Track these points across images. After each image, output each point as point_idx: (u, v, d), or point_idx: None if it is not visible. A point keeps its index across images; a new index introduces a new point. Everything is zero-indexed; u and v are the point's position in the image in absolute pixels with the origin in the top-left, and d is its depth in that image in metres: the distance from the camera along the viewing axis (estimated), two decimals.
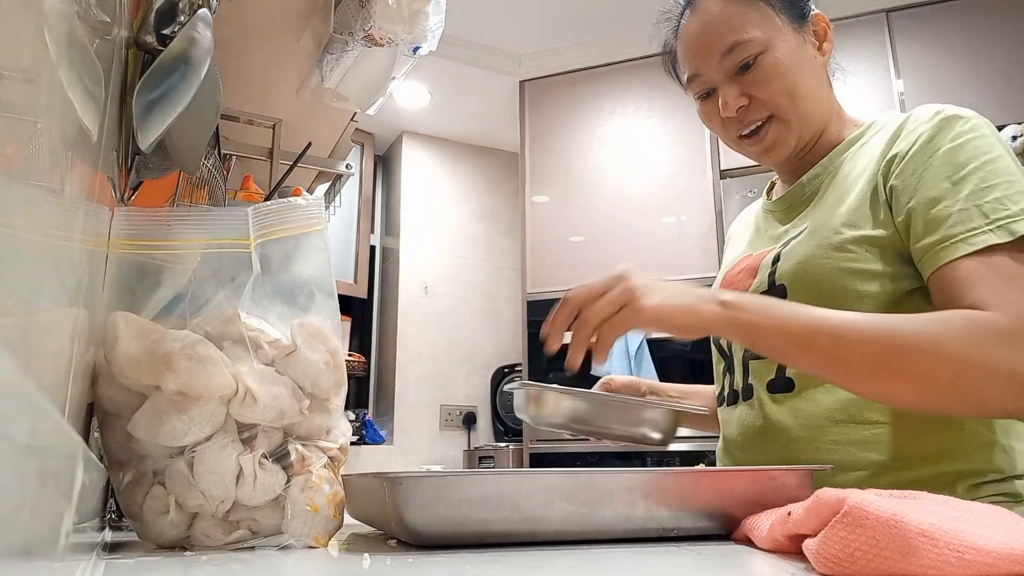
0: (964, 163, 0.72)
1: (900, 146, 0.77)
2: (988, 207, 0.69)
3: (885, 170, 0.78)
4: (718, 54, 0.84)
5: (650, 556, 0.51)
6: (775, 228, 0.92)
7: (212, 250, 0.61)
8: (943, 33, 2.85)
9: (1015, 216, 0.68)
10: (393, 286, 3.98)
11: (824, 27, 0.89)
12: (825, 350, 0.69)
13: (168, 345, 0.55)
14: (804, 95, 0.85)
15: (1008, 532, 0.41)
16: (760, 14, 0.84)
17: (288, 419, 0.59)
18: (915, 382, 0.67)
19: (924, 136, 0.76)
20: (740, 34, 0.83)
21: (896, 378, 0.67)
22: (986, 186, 0.71)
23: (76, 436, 0.43)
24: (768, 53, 0.83)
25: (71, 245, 0.38)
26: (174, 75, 0.65)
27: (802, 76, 0.85)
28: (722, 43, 0.84)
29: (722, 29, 0.84)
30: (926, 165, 0.74)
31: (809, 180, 0.88)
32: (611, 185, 3.21)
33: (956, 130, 0.75)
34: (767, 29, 0.84)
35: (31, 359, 0.28)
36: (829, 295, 0.76)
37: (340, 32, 1.32)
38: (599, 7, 3.14)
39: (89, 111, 0.42)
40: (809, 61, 0.86)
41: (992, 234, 0.68)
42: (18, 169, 0.27)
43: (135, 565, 0.50)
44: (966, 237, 0.69)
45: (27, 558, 0.26)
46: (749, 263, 0.90)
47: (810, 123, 0.86)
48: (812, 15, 0.88)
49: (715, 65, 0.85)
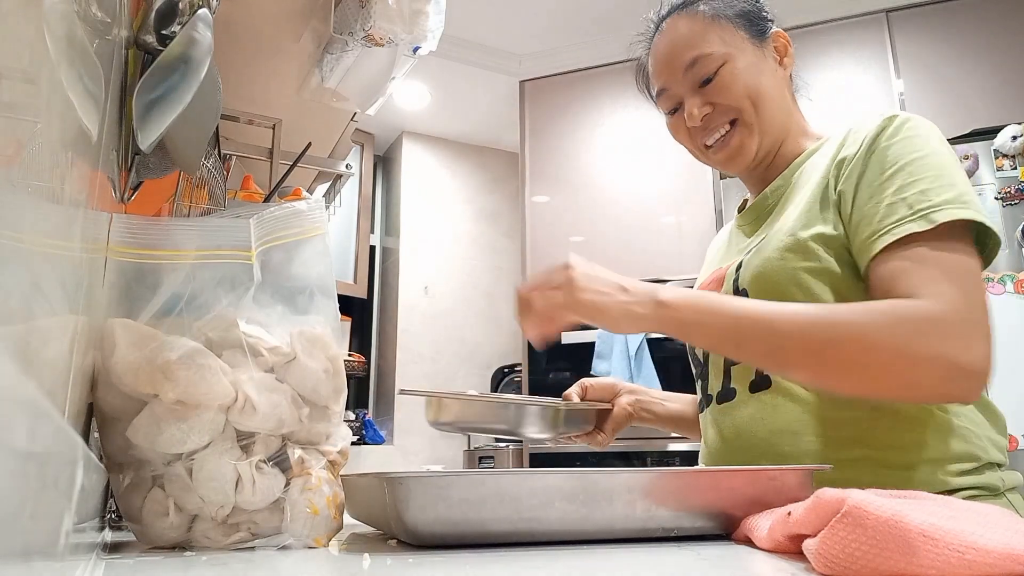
0: (895, 160, 0.76)
1: (848, 150, 0.81)
2: (912, 199, 0.73)
3: (835, 173, 0.81)
4: (682, 68, 0.90)
5: (650, 556, 0.51)
6: (743, 241, 0.95)
7: (212, 261, 0.61)
8: (943, 33, 2.85)
9: (937, 206, 0.71)
10: (393, 286, 3.98)
11: (784, 43, 0.94)
12: (759, 344, 0.73)
13: (166, 354, 0.55)
14: (766, 101, 0.89)
15: (1008, 532, 0.41)
16: (721, 31, 0.90)
17: (287, 427, 0.59)
18: (847, 370, 0.70)
19: (867, 139, 0.79)
20: (701, 49, 0.89)
21: (829, 367, 0.71)
22: (913, 180, 0.74)
23: (76, 437, 0.43)
24: (728, 64, 0.89)
25: (71, 245, 0.38)
26: (174, 75, 0.65)
27: (762, 85, 0.89)
28: (686, 58, 0.90)
29: (685, 45, 0.90)
30: (865, 166, 0.78)
31: (772, 191, 0.92)
32: (611, 185, 3.21)
33: (892, 129, 0.78)
34: (727, 45, 0.89)
35: (31, 360, 0.28)
36: (785, 295, 0.78)
37: (340, 32, 1.32)
38: (599, 7, 3.14)
39: (89, 111, 0.42)
40: (770, 72, 0.91)
41: (913, 223, 0.71)
42: (18, 170, 0.27)
43: (135, 565, 0.50)
44: (890, 228, 0.73)
45: (27, 558, 0.26)
46: (717, 275, 0.94)
47: (771, 129, 0.90)
48: (772, 32, 0.93)
49: (680, 79, 0.91)
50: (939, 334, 0.66)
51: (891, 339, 0.67)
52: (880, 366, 0.68)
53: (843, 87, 2.87)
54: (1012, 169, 2.44)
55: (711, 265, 1.03)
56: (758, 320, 0.72)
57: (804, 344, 0.70)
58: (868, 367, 0.69)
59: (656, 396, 1.06)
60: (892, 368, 0.68)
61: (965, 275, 0.70)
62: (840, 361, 0.70)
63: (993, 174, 2.45)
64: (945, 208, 0.71)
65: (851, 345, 0.69)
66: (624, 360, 2.78)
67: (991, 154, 2.47)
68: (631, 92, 1.05)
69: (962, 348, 0.66)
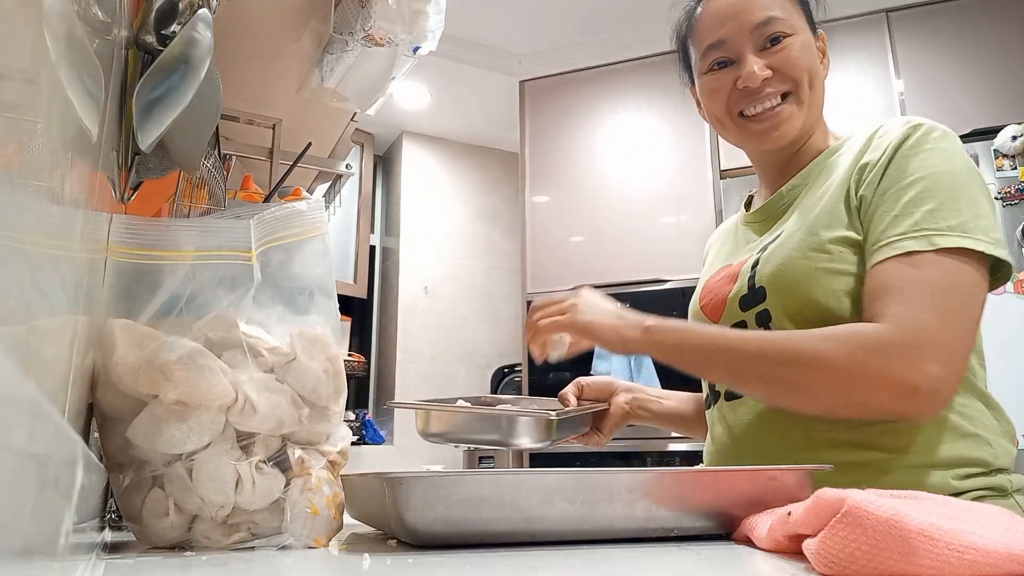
0: (912, 172, 0.76)
1: (871, 155, 0.80)
2: (920, 216, 0.73)
3: (857, 177, 0.80)
4: (750, 25, 0.86)
5: (650, 556, 0.51)
6: (753, 238, 0.94)
7: (212, 261, 0.61)
8: (943, 33, 2.85)
9: (941, 231, 0.72)
10: (393, 286, 3.98)
11: (824, 45, 0.94)
12: (723, 367, 0.80)
13: (166, 355, 0.55)
14: (817, 86, 0.88)
15: (1008, 532, 0.41)
16: (792, 6, 0.89)
17: (287, 428, 0.59)
18: (800, 390, 0.74)
19: (891, 146, 0.79)
20: (776, 12, 0.86)
21: (783, 387, 0.75)
22: (925, 197, 0.74)
23: (76, 437, 0.43)
24: (796, 36, 0.87)
25: (71, 245, 0.38)
26: (174, 75, 0.65)
27: (817, 69, 0.89)
28: (757, 15, 0.86)
29: (758, 2, 0.87)
30: (885, 172, 0.78)
31: (788, 191, 0.91)
32: (611, 185, 3.21)
33: (916, 139, 0.78)
34: (796, 19, 0.88)
35: (31, 360, 0.28)
36: (808, 295, 0.78)
37: (340, 32, 1.32)
38: (599, 7, 3.14)
39: (89, 111, 0.42)
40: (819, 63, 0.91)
41: (914, 241, 0.72)
42: (18, 170, 0.26)
43: (135, 565, 0.50)
44: (891, 241, 0.74)
45: (27, 558, 0.26)
46: (729, 270, 0.92)
47: (812, 115, 0.89)
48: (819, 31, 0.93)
49: (744, 35, 0.87)
50: (885, 355, 0.69)
51: (838, 361, 0.71)
52: (827, 386, 0.72)
53: (843, 87, 2.87)
54: (1012, 169, 2.44)
55: (716, 262, 1.01)
56: (722, 345, 0.79)
57: (758, 366, 0.76)
58: (814, 387, 0.73)
59: (653, 394, 1.06)
60: (838, 388, 0.72)
61: (946, 296, 0.70)
62: (791, 382, 0.74)
63: (993, 174, 2.45)
64: (948, 234, 0.71)
65: (800, 367, 0.73)
66: (624, 360, 2.78)
67: (991, 154, 2.47)
68: (631, 92, 1.05)
69: (909, 368, 0.68)
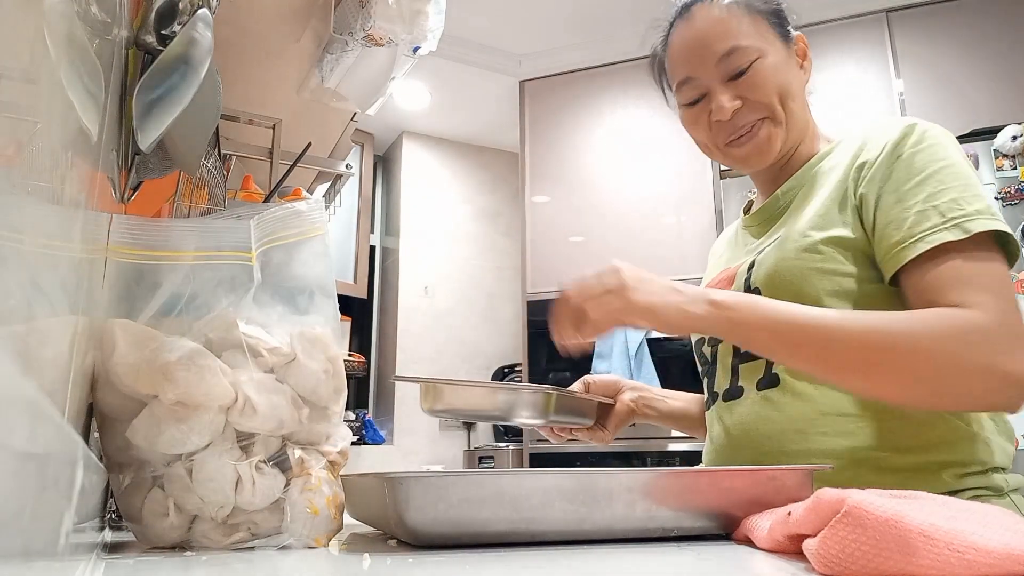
0: (923, 167, 0.76)
1: (868, 154, 0.81)
2: (944, 207, 0.73)
3: (855, 176, 0.81)
4: (714, 59, 0.86)
5: (650, 556, 0.51)
6: (751, 242, 0.95)
7: (212, 261, 0.61)
8: (943, 33, 2.85)
9: (969, 216, 0.72)
10: (393, 286, 3.98)
11: (804, 48, 0.93)
12: (815, 350, 0.72)
13: (166, 355, 0.55)
14: (794, 99, 0.88)
15: (1008, 532, 0.41)
16: (755, 25, 0.87)
17: (287, 428, 0.59)
18: (902, 379, 0.70)
19: (890, 144, 0.79)
20: (738, 40, 0.86)
21: (884, 376, 0.71)
22: (943, 188, 0.74)
23: (76, 437, 0.43)
24: (762, 59, 0.86)
25: (71, 245, 0.38)
26: (174, 75, 0.65)
27: (791, 84, 0.88)
28: (719, 48, 0.86)
29: (721, 34, 0.86)
30: (890, 171, 0.78)
31: (783, 193, 0.91)
32: (611, 185, 3.21)
33: (916, 136, 0.78)
34: (762, 40, 0.87)
35: (31, 360, 0.28)
36: (800, 295, 0.78)
37: (340, 32, 1.32)
38: (599, 8, 3.14)
39: (89, 111, 0.42)
40: (796, 73, 0.90)
41: (947, 232, 0.72)
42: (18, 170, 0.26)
43: (135, 565, 0.50)
44: (923, 236, 0.73)
45: (27, 558, 0.26)
46: (727, 274, 0.93)
47: (795, 129, 0.89)
48: (794, 35, 0.92)
49: (710, 69, 0.87)
50: (988, 345, 0.67)
51: (943, 350, 0.67)
52: (933, 377, 0.69)
53: (843, 87, 2.87)
54: (1012, 169, 2.44)
55: (718, 265, 1.02)
56: (814, 326, 0.71)
57: (860, 352, 0.70)
58: (921, 377, 0.69)
59: (659, 393, 1.06)
60: (944, 379, 0.68)
61: (1002, 285, 0.71)
62: (894, 370, 0.70)
63: (993, 174, 2.45)
64: (978, 218, 0.72)
65: (906, 355, 0.69)
66: (624, 360, 2.78)
67: (991, 154, 2.47)
68: (631, 92, 1.05)
69: (1009, 358, 0.67)
